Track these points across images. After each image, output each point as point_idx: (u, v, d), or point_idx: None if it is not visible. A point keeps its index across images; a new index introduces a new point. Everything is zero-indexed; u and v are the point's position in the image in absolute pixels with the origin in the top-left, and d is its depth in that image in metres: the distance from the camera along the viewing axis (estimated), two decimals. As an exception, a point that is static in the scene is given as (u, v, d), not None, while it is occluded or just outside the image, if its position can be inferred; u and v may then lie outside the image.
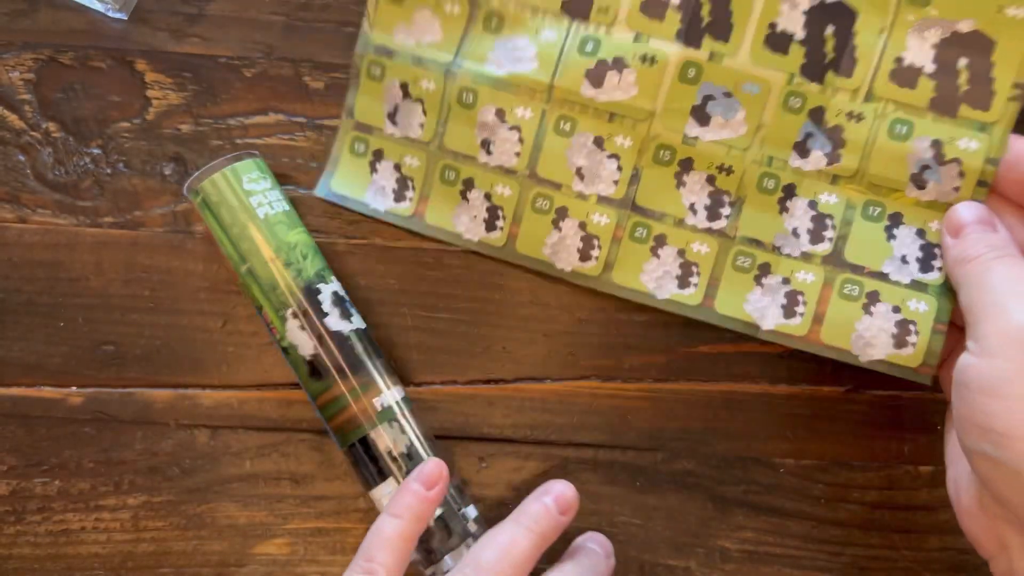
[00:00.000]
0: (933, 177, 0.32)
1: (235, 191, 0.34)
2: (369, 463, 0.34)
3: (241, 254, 0.34)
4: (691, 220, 0.34)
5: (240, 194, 0.34)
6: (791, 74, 0.33)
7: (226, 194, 0.34)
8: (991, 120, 0.32)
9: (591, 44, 0.34)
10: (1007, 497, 0.28)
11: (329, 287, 0.34)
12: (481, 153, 0.35)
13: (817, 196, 0.33)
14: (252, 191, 0.34)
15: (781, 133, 0.33)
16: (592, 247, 0.35)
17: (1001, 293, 0.29)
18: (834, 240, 0.33)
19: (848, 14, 0.32)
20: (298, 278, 0.34)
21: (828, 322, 0.33)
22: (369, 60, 0.36)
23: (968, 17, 0.32)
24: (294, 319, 0.34)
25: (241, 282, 0.34)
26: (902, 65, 0.32)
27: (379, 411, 0.33)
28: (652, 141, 0.34)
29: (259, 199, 0.34)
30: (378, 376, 0.34)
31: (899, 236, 0.33)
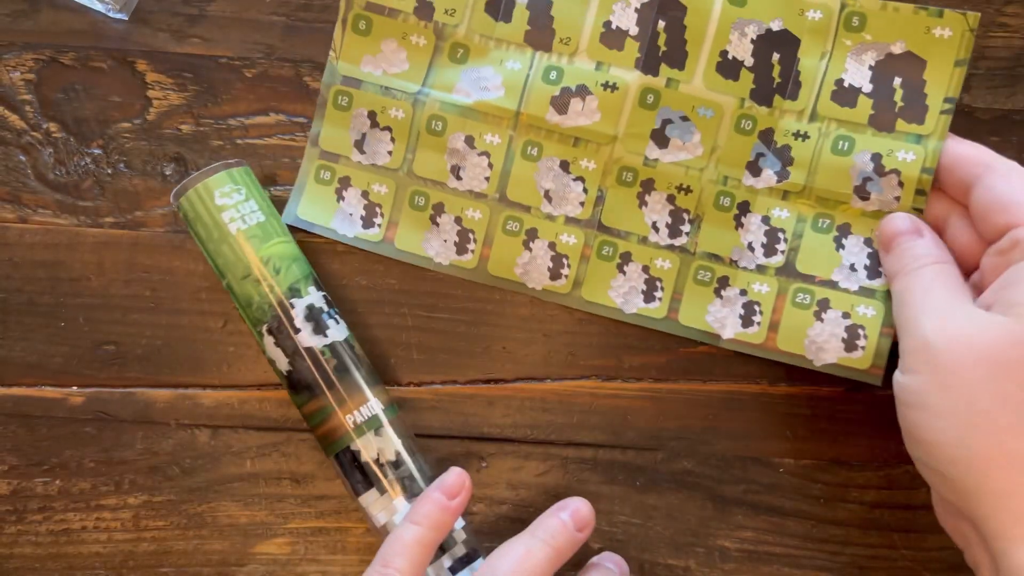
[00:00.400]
0: (875, 188, 0.34)
1: (207, 207, 0.34)
2: (355, 471, 0.34)
3: (219, 269, 0.34)
4: (654, 238, 0.36)
5: (212, 209, 0.34)
6: (742, 98, 0.35)
7: (199, 209, 0.34)
8: (926, 132, 0.34)
9: (554, 73, 0.36)
10: (947, 496, 0.30)
11: (303, 301, 0.34)
12: (451, 178, 0.36)
13: (770, 212, 0.35)
14: (224, 206, 0.34)
15: (734, 154, 0.35)
16: (562, 266, 0.36)
17: (914, 307, 0.31)
18: (786, 252, 0.35)
19: (792, 41, 0.35)
20: (271, 293, 0.34)
21: (783, 329, 0.35)
22: (336, 90, 0.36)
23: (900, 39, 0.34)
24: (268, 335, 0.34)
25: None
26: (843, 86, 0.35)
27: (364, 420, 0.34)
28: (615, 163, 0.36)
29: (231, 213, 0.34)
30: (363, 385, 0.34)
31: (847, 245, 0.35)
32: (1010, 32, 0.37)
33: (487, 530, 0.36)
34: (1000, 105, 0.37)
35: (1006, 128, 0.36)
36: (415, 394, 0.36)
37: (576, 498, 0.34)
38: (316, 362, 0.34)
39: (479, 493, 0.36)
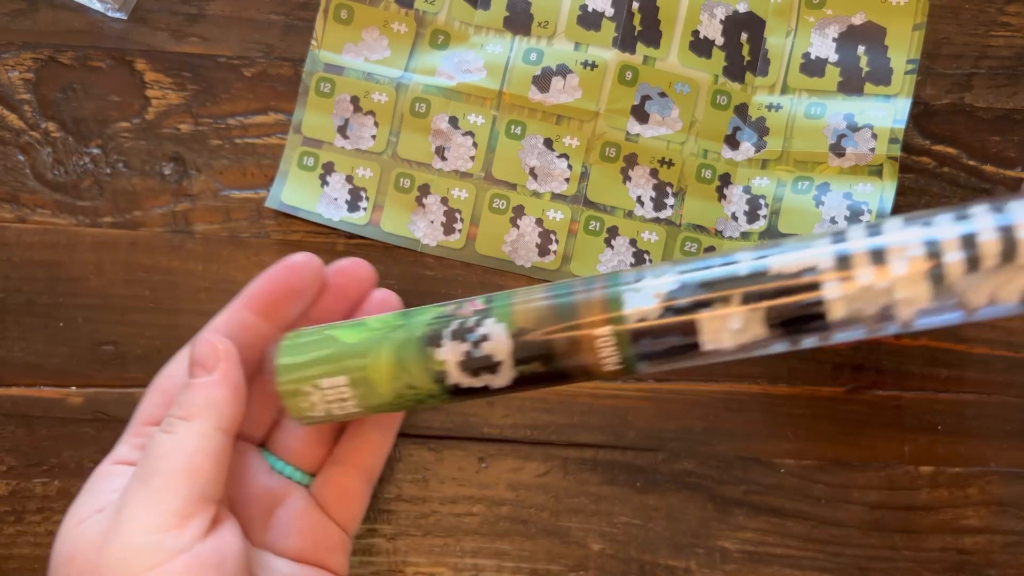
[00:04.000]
0: (850, 144, 0.35)
1: (315, 417, 0.30)
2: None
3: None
4: (639, 211, 0.36)
5: (325, 416, 0.30)
6: (715, 75, 0.36)
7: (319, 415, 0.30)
8: (893, 92, 0.36)
9: (535, 54, 0.36)
10: None
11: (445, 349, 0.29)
12: (436, 159, 0.37)
13: (751, 181, 0.36)
14: (317, 416, 0.30)
15: (712, 128, 0.36)
16: (550, 242, 0.36)
17: None
18: (768, 216, 0.36)
19: (758, 22, 0.37)
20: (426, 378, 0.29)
21: None
22: (318, 77, 0.37)
23: (860, 11, 0.36)
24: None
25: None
26: (809, 59, 0.36)
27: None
28: (598, 139, 0.36)
29: (333, 407, 0.30)
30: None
31: (827, 202, 0.35)
32: (1012, 31, 0.37)
33: (487, 531, 0.36)
34: (1002, 104, 0.36)
35: (1008, 127, 0.36)
36: (415, 394, 0.36)
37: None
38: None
39: (479, 493, 0.36)
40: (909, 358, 0.36)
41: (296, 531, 0.31)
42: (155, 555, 0.26)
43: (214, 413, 0.28)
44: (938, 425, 0.36)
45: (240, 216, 0.37)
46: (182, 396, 0.29)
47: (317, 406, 0.29)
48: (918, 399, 0.36)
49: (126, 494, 0.27)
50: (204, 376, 0.29)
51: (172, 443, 0.28)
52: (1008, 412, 0.36)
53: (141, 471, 0.28)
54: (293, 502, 0.32)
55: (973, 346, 0.36)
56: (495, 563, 0.36)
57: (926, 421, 0.36)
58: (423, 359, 0.28)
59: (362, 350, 0.29)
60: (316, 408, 0.29)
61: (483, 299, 0.29)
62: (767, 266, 0.26)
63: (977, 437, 0.36)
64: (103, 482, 0.29)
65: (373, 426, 0.32)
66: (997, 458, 0.36)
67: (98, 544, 0.26)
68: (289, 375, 0.29)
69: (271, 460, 0.32)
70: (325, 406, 0.29)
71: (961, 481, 0.36)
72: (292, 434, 0.32)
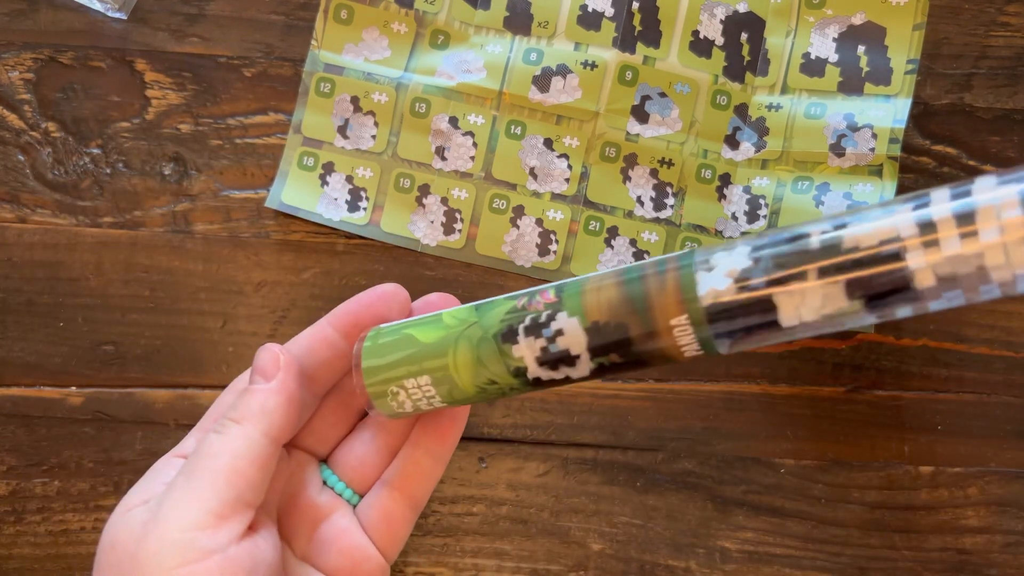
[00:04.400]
0: (849, 144, 0.35)
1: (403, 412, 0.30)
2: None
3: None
4: (639, 211, 0.37)
5: (407, 410, 0.30)
6: (715, 75, 0.36)
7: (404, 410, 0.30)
8: (894, 92, 0.36)
9: (535, 54, 0.36)
10: None
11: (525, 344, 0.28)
12: (436, 159, 0.37)
13: (751, 182, 0.36)
14: (405, 411, 0.30)
15: (712, 128, 0.36)
16: (550, 242, 0.36)
17: None
18: (768, 216, 0.36)
19: (758, 22, 0.37)
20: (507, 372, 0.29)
21: None
22: (318, 77, 0.37)
23: (860, 10, 0.36)
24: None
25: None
26: (809, 59, 0.36)
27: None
28: (598, 139, 0.36)
29: (417, 402, 0.29)
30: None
31: (827, 202, 0.35)
32: (1011, 31, 0.37)
33: (487, 531, 0.36)
34: (1002, 104, 0.36)
35: (1007, 127, 0.36)
36: (415, 394, 0.36)
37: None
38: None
39: (479, 493, 0.36)
40: (909, 358, 0.36)
41: (336, 550, 0.31)
42: (188, 552, 0.26)
43: (265, 420, 0.28)
44: (938, 425, 0.36)
45: (240, 216, 0.37)
46: (238, 400, 0.29)
47: (405, 403, 0.29)
48: (918, 399, 0.36)
49: (170, 488, 0.28)
50: (262, 383, 0.29)
51: (220, 443, 0.28)
52: (1008, 412, 0.36)
53: (187, 467, 0.28)
54: (338, 519, 0.31)
55: (973, 346, 0.36)
56: (495, 563, 0.36)
57: (926, 421, 0.36)
58: (501, 356, 0.28)
59: (440, 349, 0.29)
60: (405, 405, 0.29)
61: (553, 289, 0.28)
62: (843, 237, 0.25)
63: (977, 437, 0.36)
64: (158, 473, 0.29)
65: (425, 453, 0.31)
66: (997, 458, 0.36)
67: (138, 535, 0.27)
68: (375, 377, 0.29)
69: (326, 474, 0.32)
70: (413, 403, 0.29)
71: (961, 481, 0.36)
72: (352, 452, 0.32)
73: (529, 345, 0.28)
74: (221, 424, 0.28)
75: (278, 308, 0.36)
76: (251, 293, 0.36)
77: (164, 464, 0.30)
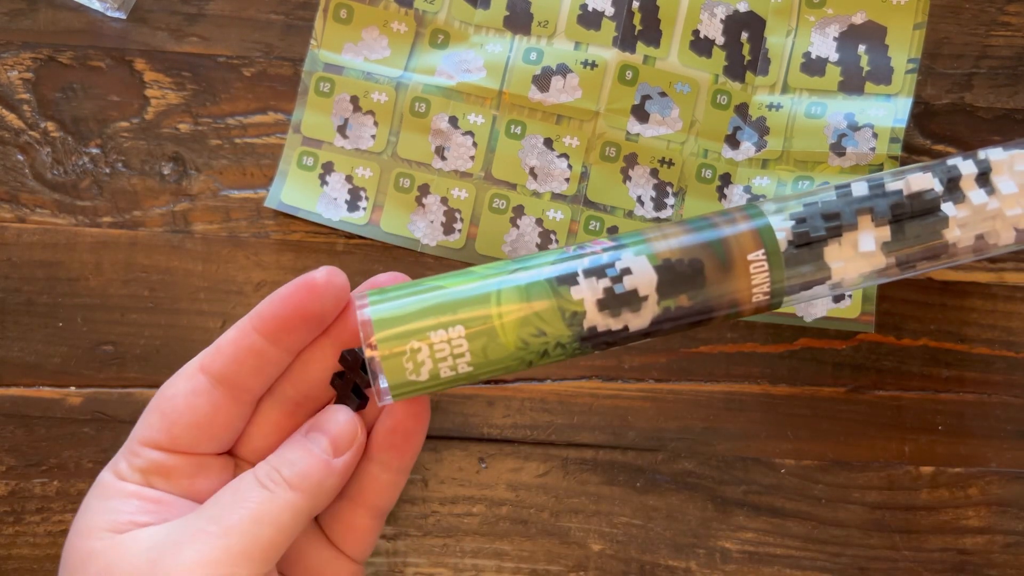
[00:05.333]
0: (850, 143, 0.35)
1: (423, 386, 0.27)
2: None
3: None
4: (640, 211, 0.36)
5: (431, 383, 0.27)
6: (716, 74, 0.36)
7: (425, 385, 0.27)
8: (894, 91, 0.35)
9: (535, 54, 0.36)
10: None
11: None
12: (436, 159, 0.36)
13: (751, 181, 0.36)
14: (425, 379, 0.26)
15: (713, 127, 0.36)
16: (550, 241, 0.37)
17: None
18: None
19: (758, 21, 0.37)
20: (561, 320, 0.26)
21: None
22: (318, 77, 0.37)
23: (860, 10, 0.36)
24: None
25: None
26: (810, 58, 0.36)
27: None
28: (598, 139, 0.36)
29: (444, 367, 0.26)
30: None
31: None
32: (1012, 31, 0.37)
33: (486, 532, 0.36)
34: (1002, 104, 0.36)
35: (1008, 127, 0.36)
36: (415, 394, 0.36)
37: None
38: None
39: (479, 494, 0.36)
40: (910, 358, 0.36)
41: (303, 568, 0.30)
42: None
43: (318, 497, 0.27)
44: (939, 425, 0.36)
45: (239, 216, 0.37)
46: (298, 457, 0.27)
47: (423, 367, 0.25)
48: (919, 399, 0.36)
49: (197, 534, 0.26)
50: (329, 455, 0.27)
51: (267, 508, 0.26)
52: (1009, 412, 0.36)
53: (222, 515, 0.26)
54: (301, 538, 0.30)
55: (974, 346, 0.36)
56: (495, 563, 0.36)
57: (927, 421, 0.36)
58: (557, 299, 0.25)
59: (481, 295, 0.25)
60: (421, 370, 0.25)
61: (608, 238, 0.26)
62: (887, 188, 0.26)
63: (978, 437, 0.36)
64: (116, 501, 0.28)
65: (383, 468, 0.30)
66: (998, 458, 0.36)
67: (144, 571, 0.25)
68: (390, 330, 0.25)
69: None
70: (432, 367, 0.25)
71: (962, 481, 0.36)
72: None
73: (591, 286, 0.25)
74: (273, 480, 0.27)
75: (278, 308, 0.36)
76: (251, 293, 0.36)
77: (112, 489, 0.28)
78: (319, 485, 0.27)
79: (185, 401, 0.28)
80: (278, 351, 0.29)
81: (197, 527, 0.26)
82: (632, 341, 0.26)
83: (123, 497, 0.28)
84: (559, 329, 0.25)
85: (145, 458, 0.28)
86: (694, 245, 0.26)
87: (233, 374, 0.28)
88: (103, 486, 0.28)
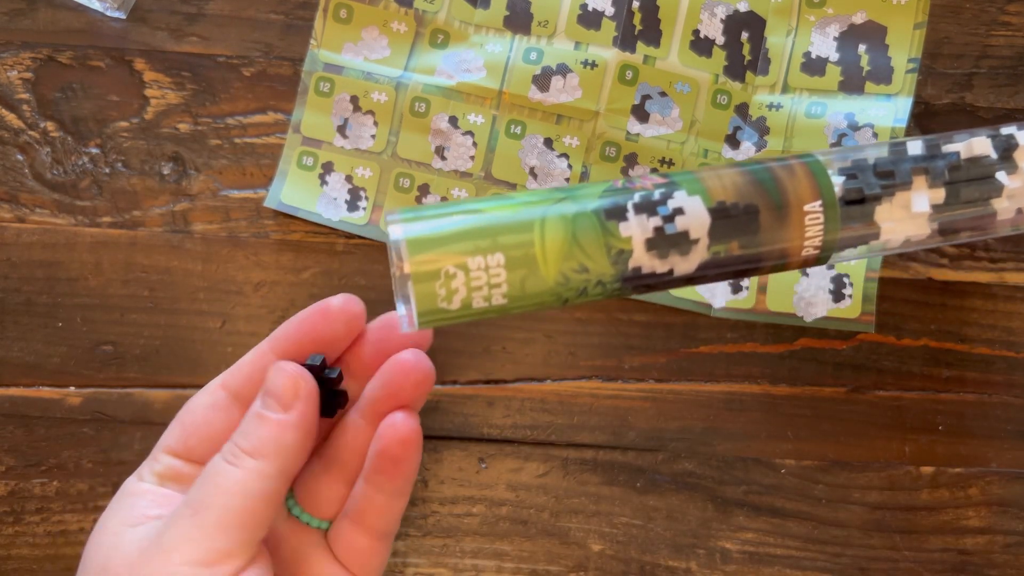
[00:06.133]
0: (850, 143, 0.35)
1: (450, 314, 0.25)
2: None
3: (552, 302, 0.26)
4: None
5: (459, 313, 0.25)
6: (716, 74, 0.36)
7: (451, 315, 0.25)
8: (895, 91, 0.35)
9: (535, 54, 0.36)
10: None
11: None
12: (436, 159, 0.36)
13: None
14: (459, 308, 0.24)
15: (713, 127, 0.36)
16: None
17: None
18: None
19: (759, 21, 0.37)
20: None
21: (771, 290, 0.35)
22: (318, 77, 0.37)
23: (860, 9, 0.36)
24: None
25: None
26: (810, 58, 0.36)
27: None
28: (598, 139, 0.36)
29: (478, 296, 0.24)
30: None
31: None
32: (1013, 31, 0.37)
33: (486, 532, 0.36)
34: (1003, 104, 0.36)
35: (1009, 127, 0.36)
36: (414, 395, 0.36)
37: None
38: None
39: (479, 494, 0.36)
40: (910, 358, 0.36)
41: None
42: None
43: (281, 456, 0.27)
44: (939, 425, 0.36)
45: (239, 216, 0.37)
46: (251, 427, 0.27)
47: (456, 294, 0.23)
48: (919, 399, 0.36)
49: (175, 519, 0.26)
50: (279, 413, 0.27)
51: (233, 480, 0.26)
52: (1009, 412, 0.36)
53: (195, 498, 0.27)
54: (310, 551, 0.31)
55: (974, 346, 0.36)
56: (495, 564, 0.35)
57: (927, 421, 0.36)
58: (604, 234, 0.24)
59: (524, 223, 0.23)
60: (454, 298, 0.23)
61: (657, 175, 0.25)
62: (943, 149, 0.26)
63: (978, 437, 0.36)
64: (133, 499, 0.29)
65: (378, 490, 0.30)
66: (998, 458, 0.36)
67: (133, 561, 0.26)
68: (426, 252, 0.23)
69: (290, 504, 0.31)
70: (466, 295, 0.23)
71: (962, 481, 0.36)
72: (305, 484, 0.32)
73: (641, 224, 0.24)
74: (233, 454, 0.27)
75: (277, 308, 0.36)
76: (250, 293, 0.36)
77: (135, 490, 0.29)
78: (278, 444, 0.27)
79: (203, 414, 0.30)
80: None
81: (177, 513, 0.27)
82: (673, 287, 0.25)
83: (138, 496, 0.29)
84: (603, 266, 0.24)
85: (163, 463, 0.30)
86: (750, 190, 0.25)
87: (249, 392, 0.30)
88: (124, 489, 0.30)
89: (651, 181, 0.25)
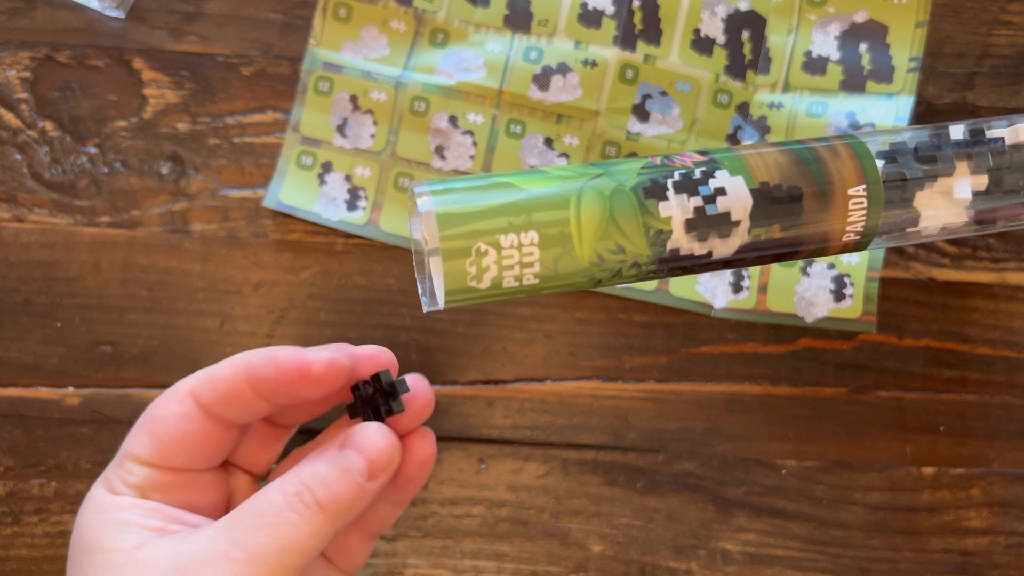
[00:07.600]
0: None
1: (479, 294, 0.24)
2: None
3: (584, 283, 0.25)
4: None
5: (490, 291, 0.24)
6: (717, 73, 0.36)
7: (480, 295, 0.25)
8: (896, 90, 0.35)
9: (535, 53, 0.36)
10: None
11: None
12: (435, 159, 0.36)
13: None
14: (489, 287, 0.23)
15: (714, 127, 0.36)
16: None
17: None
18: None
19: (759, 20, 0.36)
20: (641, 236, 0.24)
21: (772, 290, 0.35)
22: (317, 76, 0.36)
23: (862, 8, 0.36)
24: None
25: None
26: (811, 57, 0.36)
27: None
28: (598, 138, 0.36)
29: (509, 276, 0.23)
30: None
31: None
32: (1014, 30, 0.36)
33: (486, 533, 0.36)
34: (1004, 103, 0.36)
35: (1010, 127, 0.36)
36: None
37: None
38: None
39: (478, 495, 0.36)
40: (911, 358, 0.36)
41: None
42: None
43: (343, 520, 0.26)
44: (940, 426, 0.36)
45: (238, 216, 0.37)
46: (335, 480, 0.26)
47: (486, 273, 0.22)
48: (920, 400, 0.36)
49: (217, 559, 0.25)
50: (363, 477, 0.26)
51: (295, 535, 0.25)
52: (1011, 413, 0.36)
53: (247, 540, 0.25)
54: None
55: (976, 347, 0.36)
56: (495, 565, 0.35)
57: (928, 422, 0.36)
58: (642, 213, 0.23)
59: (559, 199, 0.22)
60: (484, 276, 0.22)
61: (699, 152, 0.24)
62: (986, 134, 0.25)
63: (979, 438, 0.36)
64: (121, 513, 0.27)
65: (384, 500, 0.30)
66: (999, 459, 0.35)
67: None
68: (456, 228, 0.22)
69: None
70: (497, 274, 0.22)
71: (963, 482, 0.35)
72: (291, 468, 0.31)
73: (681, 204, 0.23)
74: (305, 504, 0.25)
75: (276, 308, 0.36)
76: (249, 293, 0.36)
77: (116, 502, 0.27)
78: (349, 509, 0.26)
79: (177, 425, 0.28)
80: (266, 406, 0.29)
81: (220, 550, 0.25)
82: (710, 270, 0.24)
83: (124, 509, 0.27)
84: (640, 247, 0.23)
85: (138, 475, 0.28)
86: (794, 171, 0.24)
87: (222, 412, 0.28)
88: (98, 501, 0.28)
89: (691, 159, 0.24)
